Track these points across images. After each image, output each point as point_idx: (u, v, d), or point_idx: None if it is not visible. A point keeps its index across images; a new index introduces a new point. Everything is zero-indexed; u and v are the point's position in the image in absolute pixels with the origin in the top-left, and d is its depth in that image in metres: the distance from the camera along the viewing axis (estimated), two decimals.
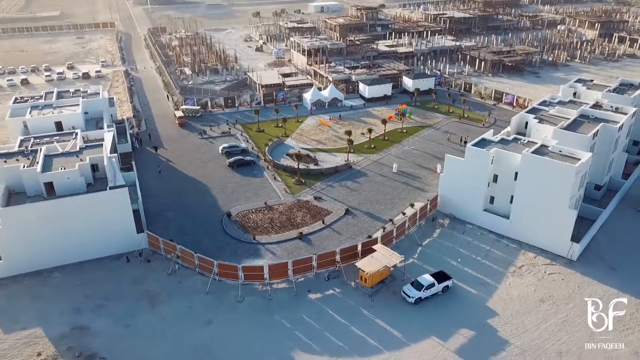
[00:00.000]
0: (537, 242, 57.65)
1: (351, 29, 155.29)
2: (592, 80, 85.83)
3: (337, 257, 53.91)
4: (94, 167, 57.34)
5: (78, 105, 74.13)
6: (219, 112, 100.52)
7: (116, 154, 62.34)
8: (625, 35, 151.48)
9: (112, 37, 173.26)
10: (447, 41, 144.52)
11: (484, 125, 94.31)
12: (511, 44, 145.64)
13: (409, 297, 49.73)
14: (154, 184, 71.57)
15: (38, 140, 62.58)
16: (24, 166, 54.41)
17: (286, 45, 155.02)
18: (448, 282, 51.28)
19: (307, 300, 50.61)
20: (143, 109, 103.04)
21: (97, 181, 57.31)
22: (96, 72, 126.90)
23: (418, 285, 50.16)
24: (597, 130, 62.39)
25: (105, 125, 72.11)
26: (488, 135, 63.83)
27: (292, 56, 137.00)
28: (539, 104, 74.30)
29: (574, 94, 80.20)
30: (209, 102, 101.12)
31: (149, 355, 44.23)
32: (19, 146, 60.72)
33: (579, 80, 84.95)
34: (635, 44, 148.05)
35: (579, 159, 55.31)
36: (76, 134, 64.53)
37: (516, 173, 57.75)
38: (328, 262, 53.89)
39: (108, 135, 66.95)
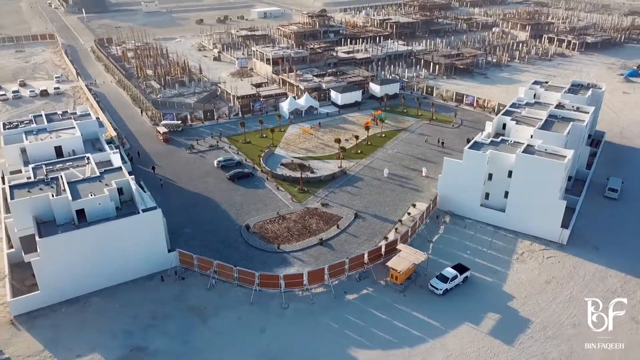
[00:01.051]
0: (531, 231, 65.23)
1: (305, 36, 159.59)
2: (547, 82, 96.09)
3: (366, 259, 58.52)
4: (119, 191, 58.05)
5: (73, 128, 73.35)
6: (200, 126, 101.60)
7: (133, 176, 62.87)
8: (554, 36, 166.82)
9: (56, 50, 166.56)
10: (400, 46, 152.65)
11: (452, 126, 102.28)
12: (458, 47, 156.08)
13: (437, 289, 55.28)
14: (161, 203, 71.72)
15: (51, 167, 62.04)
16: (52, 195, 54.34)
17: (243, 54, 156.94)
18: (467, 273, 57.36)
19: (346, 301, 54.83)
20: (119, 126, 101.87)
21: (122, 204, 58.08)
22: (55, 89, 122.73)
23: (443, 278, 55.82)
24: (570, 129, 71.13)
25: (106, 147, 72.19)
26: (478, 137, 70.78)
27: (255, 65, 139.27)
28: (511, 107, 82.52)
29: (534, 95, 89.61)
30: (189, 116, 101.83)
31: None
32: (35, 175, 59.88)
33: (535, 82, 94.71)
34: (562, 43, 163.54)
35: (565, 156, 63.41)
36: (88, 158, 64.49)
37: (510, 171, 65.05)
38: (357, 264, 58.36)
39: (115, 157, 67.37)
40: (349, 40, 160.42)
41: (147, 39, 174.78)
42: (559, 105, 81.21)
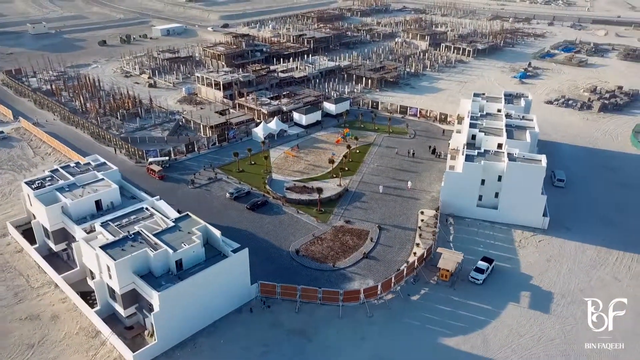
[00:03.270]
0: (520, 222, 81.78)
1: (234, 57, 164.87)
2: (484, 94, 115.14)
3: (416, 264, 70.24)
4: None
5: (103, 179, 74.30)
6: (184, 159, 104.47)
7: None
8: (450, 45, 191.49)
9: None
10: (328, 62, 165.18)
11: (409, 137, 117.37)
12: (381, 60, 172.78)
13: (478, 280, 68.86)
14: None
15: (119, 222, 64.15)
16: (150, 250, 57.79)
17: (177, 78, 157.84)
18: (493, 264, 71.78)
19: (413, 302, 66.13)
20: None
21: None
22: None
23: (480, 270, 69.58)
24: (530, 136, 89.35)
25: (143, 194, 74.73)
26: (462, 148, 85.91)
27: (200, 90, 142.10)
28: (472, 119, 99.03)
29: (480, 106, 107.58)
30: (172, 151, 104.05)
31: None
32: (112, 233, 61.81)
33: (475, 95, 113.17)
34: (458, 51, 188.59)
35: (540, 160, 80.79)
36: (147, 208, 67.44)
37: (499, 176, 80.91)
38: (409, 270, 69.81)
39: (163, 204, 70.98)
40: (281, 58, 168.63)
41: (59, 67, 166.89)
42: (507, 115, 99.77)
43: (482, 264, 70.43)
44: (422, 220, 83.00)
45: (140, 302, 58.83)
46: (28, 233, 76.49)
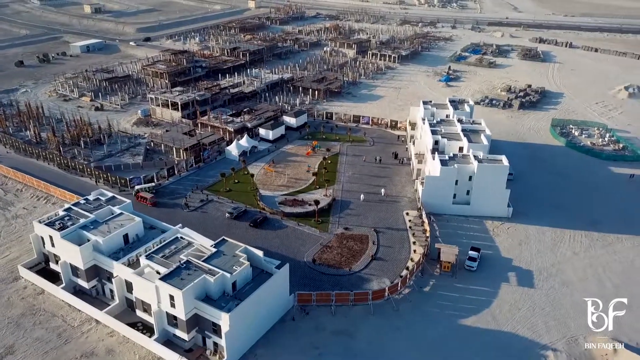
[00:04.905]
0: (488, 213, 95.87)
1: (178, 74, 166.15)
2: (431, 101, 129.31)
3: (422, 260, 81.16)
4: None
5: (122, 214, 76.68)
6: (168, 183, 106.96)
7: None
8: (377, 52, 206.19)
9: None
10: (273, 75, 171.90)
11: (369, 144, 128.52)
12: (320, 71, 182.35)
13: (472, 267, 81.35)
14: None
15: (162, 254, 67.83)
16: (210, 276, 62.83)
17: (122, 99, 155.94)
18: (480, 252, 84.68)
19: (426, 292, 76.92)
20: None
21: None
22: None
23: (472, 259, 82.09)
24: (486, 138, 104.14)
25: (165, 224, 78.21)
26: (433, 154, 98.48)
27: (155, 111, 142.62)
28: (432, 126, 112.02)
29: (431, 114, 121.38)
30: (155, 176, 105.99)
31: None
32: (160, 265, 65.51)
33: (425, 102, 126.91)
34: (384, 58, 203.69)
35: (502, 160, 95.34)
36: (182, 237, 71.59)
37: (470, 176, 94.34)
38: (417, 266, 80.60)
39: (190, 231, 75.43)
40: (221, 73, 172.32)
41: None
42: (460, 121, 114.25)
43: (473, 253, 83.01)
44: (409, 221, 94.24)
45: (201, 325, 63.61)
46: (41, 274, 76.96)
